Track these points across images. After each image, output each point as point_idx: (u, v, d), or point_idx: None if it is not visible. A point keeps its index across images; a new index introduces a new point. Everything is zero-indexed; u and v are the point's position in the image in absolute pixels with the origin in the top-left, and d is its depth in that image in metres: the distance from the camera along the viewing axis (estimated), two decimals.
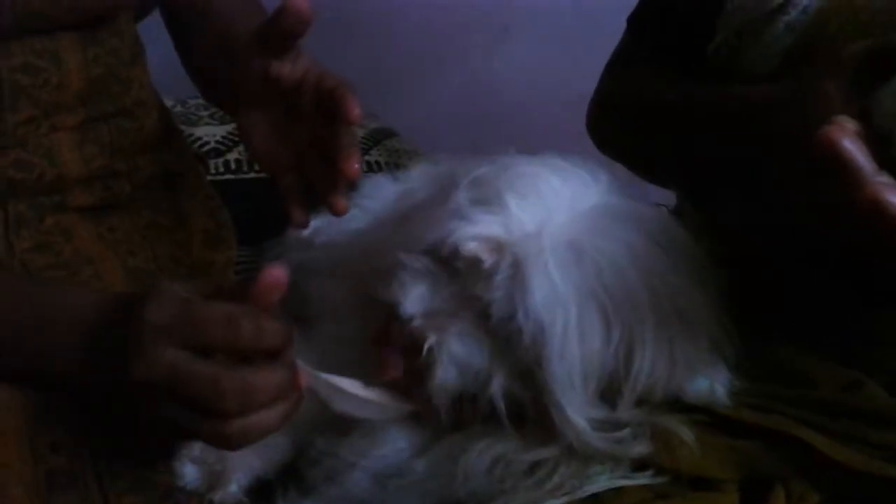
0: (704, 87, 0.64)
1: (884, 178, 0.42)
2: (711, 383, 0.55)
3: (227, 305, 0.46)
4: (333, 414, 0.61)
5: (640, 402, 0.55)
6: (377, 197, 0.80)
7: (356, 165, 0.57)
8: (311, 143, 0.60)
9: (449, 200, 0.57)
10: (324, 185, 0.59)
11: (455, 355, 0.54)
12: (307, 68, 0.59)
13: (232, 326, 0.45)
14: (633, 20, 0.78)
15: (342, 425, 0.61)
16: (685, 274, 0.56)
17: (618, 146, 0.76)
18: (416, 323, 0.54)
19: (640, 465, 0.53)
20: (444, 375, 0.54)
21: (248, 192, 0.99)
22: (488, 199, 0.55)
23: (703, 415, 0.55)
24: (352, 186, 0.60)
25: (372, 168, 1.12)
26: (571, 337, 0.52)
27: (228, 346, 0.45)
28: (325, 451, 0.60)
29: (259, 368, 0.46)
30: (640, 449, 0.53)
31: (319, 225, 0.81)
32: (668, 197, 0.79)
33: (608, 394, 0.54)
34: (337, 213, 0.60)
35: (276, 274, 0.46)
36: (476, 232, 0.53)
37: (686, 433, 0.53)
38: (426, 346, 0.53)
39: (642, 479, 0.53)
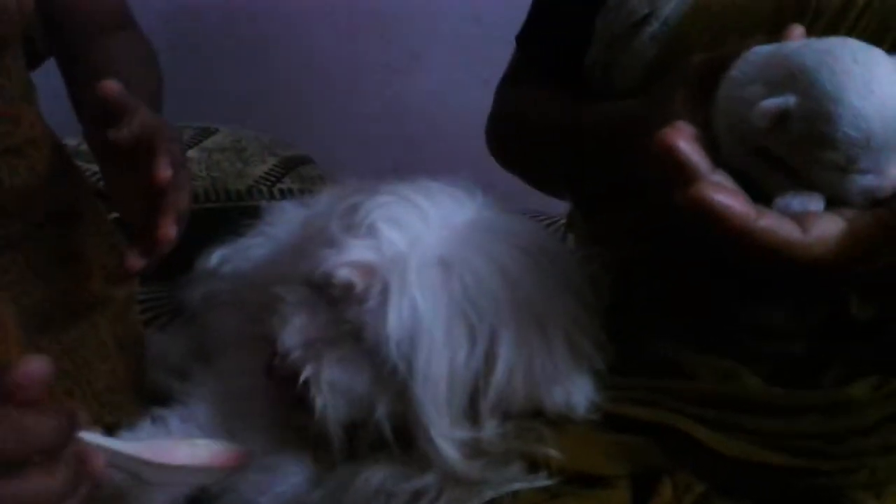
0: (583, 103, 0.67)
1: (718, 177, 0.44)
2: (569, 396, 0.56)
3: None
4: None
5: (507, 418, 0.55)
6: (283, 224, 0.80)
7: (164, 230, 0.58)
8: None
9: (324, 230, 0.59)
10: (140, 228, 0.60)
11: (334, 383, 0.55)
12: (143, 125, 0.59)
13: None
14: (521, 39, 0.80)
15: None
16: (553, 285, 0.57)
17: (512, 161, 0.78)
18: (294, 355, 0.55)
19: (533, 467, 0.55)
20: (327, 405, 0.54)
21: None
22: (359, 225, 0.57)
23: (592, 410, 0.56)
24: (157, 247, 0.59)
25: (284, 195, 1.13)
26: (436, 357, 0.53)
27: None
28: (227, 487, 0.60)
29: (31, 477, 0.40)
30: (511, 473, 0.54)
31: (226, 254, 0.82)
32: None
33: (471, 412, 0.55)
34: (131, 268, 0.59)
35: (36, 366, 0.40)
36: (347, 258, 0.55)
37: (552, 452, 0.54)
38: (302, 378, 0.54)
39: (536, 481, 0.54)
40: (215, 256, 0.81)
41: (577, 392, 0.56)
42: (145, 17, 0.92)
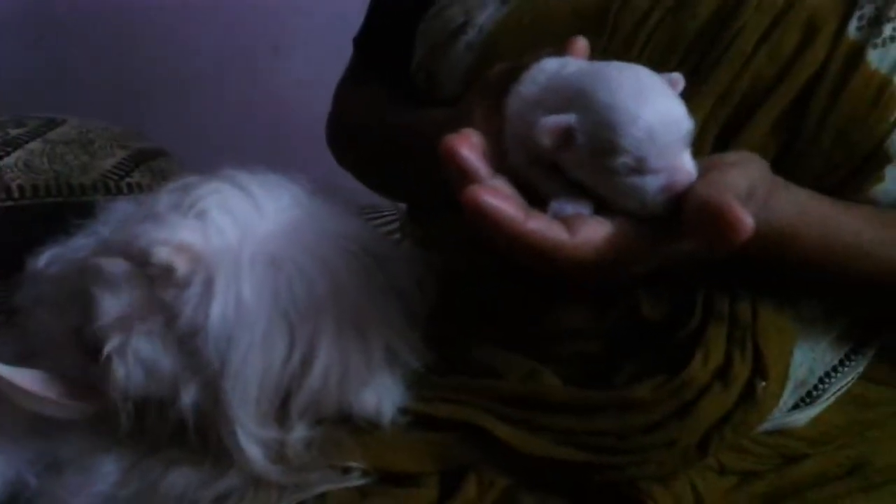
0: (410, 109, 0.68)
1: (496, 182, 0.45)
2: (380, 402, 0.56)
3: None
4: (44, 451, 0.60)
5: (316, 422, 0.56)
6: (112, 222, 0.78)
7: None
8: None
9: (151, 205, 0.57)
10: None
11: (139, 358, 0.53)
12: None
13: None
14: (357, 40, 0.81)
15: (56, 462, 0.60)
16: (378, 290, 0.58)
17: (348, 163, 0.79)
18: (103, 324, 0.53)
19: (345, 469, 0.55)
20: (126, 376, 0.53)
21: None
22: (189, 206, 0.55)
23: (400, 413, 0.57)
24: None
25: (133, 189, 1.10)
26: (252, 357, 0.53)
27: None
28: (39, 491, 0.58)
29: None
30: (314, 478, 0.54)
31: (54, 254, 0.79)
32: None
33: (281, 413, 0.55)
34: None
35: None
36: (170, 237, 0.53)
37: (354, 463, 0.54)
38: (107, 348, 0.53)
39: (347, 481, 0.55)
40: (44, 257, 0.78)
41: (386, 398, 0.57)
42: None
